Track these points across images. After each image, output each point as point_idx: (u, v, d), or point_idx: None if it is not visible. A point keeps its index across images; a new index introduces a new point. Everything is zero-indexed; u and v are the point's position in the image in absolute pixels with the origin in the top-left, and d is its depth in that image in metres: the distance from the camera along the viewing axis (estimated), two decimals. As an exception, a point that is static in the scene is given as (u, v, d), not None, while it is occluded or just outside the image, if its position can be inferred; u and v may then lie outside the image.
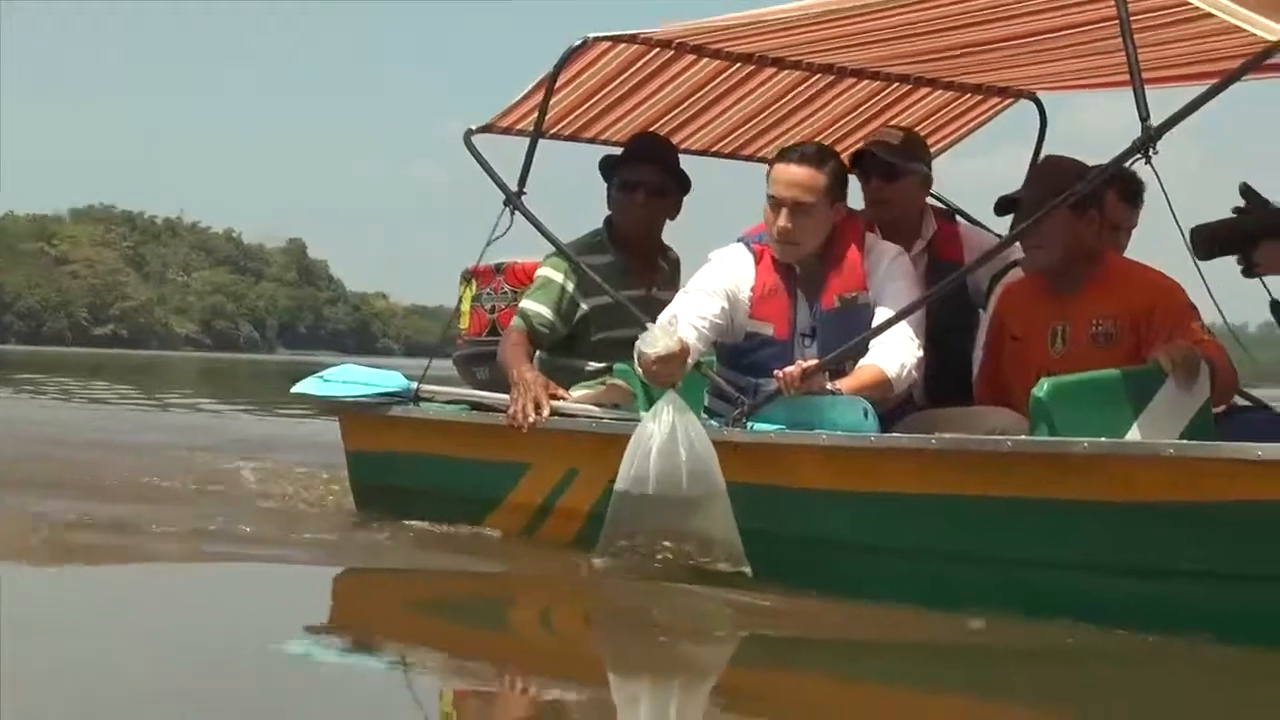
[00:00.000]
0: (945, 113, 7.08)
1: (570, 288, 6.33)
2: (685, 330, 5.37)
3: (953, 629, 4.70)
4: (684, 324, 5.41)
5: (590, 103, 6.70)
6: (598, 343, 6.35)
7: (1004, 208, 5.49)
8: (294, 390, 7.08)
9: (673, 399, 5.22)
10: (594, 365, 6.36)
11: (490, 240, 6.31)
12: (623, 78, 6.54)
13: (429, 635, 4.88)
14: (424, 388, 6.63)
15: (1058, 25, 5.54)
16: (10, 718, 3.44)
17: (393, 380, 6.74)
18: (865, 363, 5.42)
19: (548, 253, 6.41)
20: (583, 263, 6.21)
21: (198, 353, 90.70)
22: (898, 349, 5.42)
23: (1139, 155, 4.70)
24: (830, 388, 5.32)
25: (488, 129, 6.65)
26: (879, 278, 5.60)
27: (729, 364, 5.72)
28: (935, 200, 6.56)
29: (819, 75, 6.68)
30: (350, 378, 6.88)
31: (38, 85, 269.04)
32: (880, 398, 5.34)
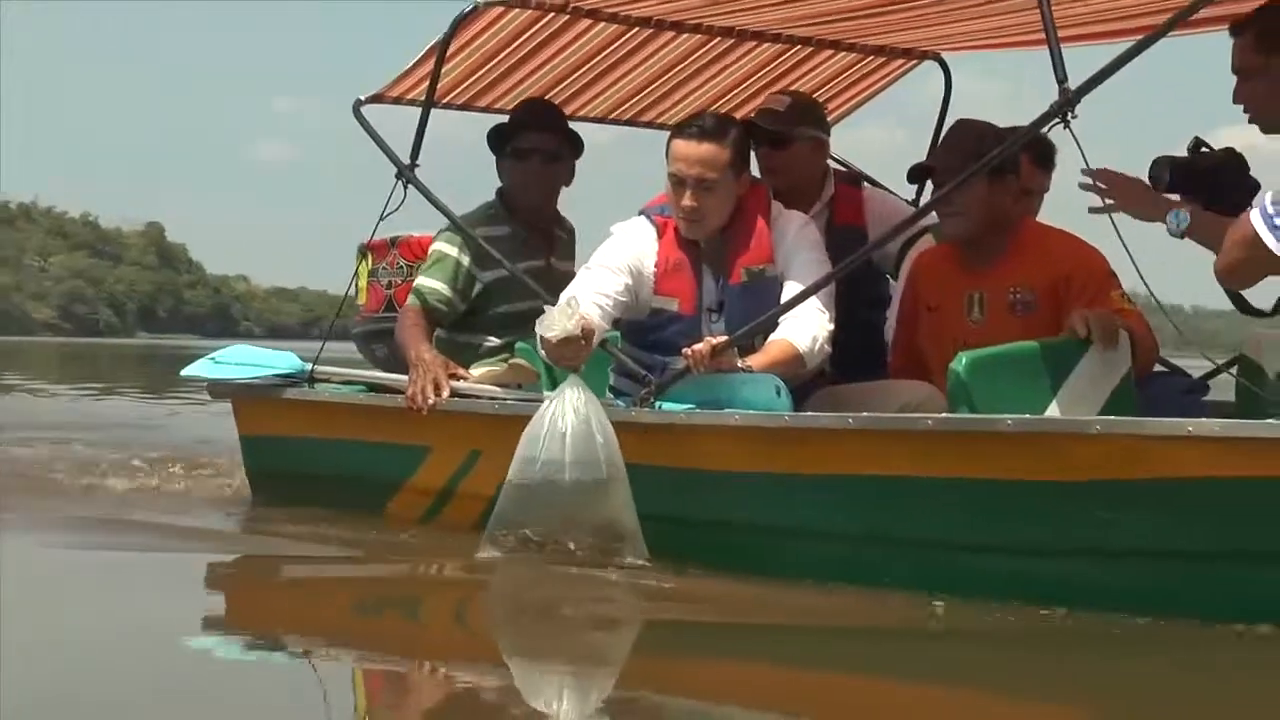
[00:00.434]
0: (848, 75, 7.03)
1: (466, 262, 6.17)
2: (588, 308, 5.21)
3: (870, 609, 4.62)
4: (587, 302, 5.24)
5: (483, 70, 6.55)
6: (498, 316, 6.22)
7: (916, 175, 5.36)
8: (184, 373, 6.94)
9: (575, 381, 5.09)
10: (495, 340, 6.24)
11: (384, 215, 6.19)
12: (516, 44, 6.40)
13: (331, 627, 4.70)
14: (319, 369, 6.49)
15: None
16: None
17: (287, 361, 6.59)
18: (776, 337, 5.29)
19: (441, 227, 6.24)
20: (479, 235, 6.07)
21: (56, 338, 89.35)
22: (809, 322, 5.28)
23: (1057, 120, 4.58)
24: (741, 365, 5.18)
25: (377, 99, 6.54)
26: (786, 248, 5.47)
27: (634, 342, 5.57)
28: (840, 165, 6.44)
29: (719, 39, 6.57)
30: (243, 359, 6.73)
31: None
32: (793, 373, 5.22)
